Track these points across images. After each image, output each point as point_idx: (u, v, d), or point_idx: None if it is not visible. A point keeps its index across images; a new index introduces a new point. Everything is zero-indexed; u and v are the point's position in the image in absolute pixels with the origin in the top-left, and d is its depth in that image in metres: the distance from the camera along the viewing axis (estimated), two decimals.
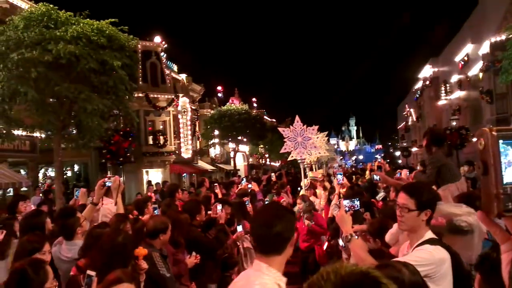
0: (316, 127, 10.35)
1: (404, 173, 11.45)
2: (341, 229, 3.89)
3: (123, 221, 4.97)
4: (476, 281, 2.24)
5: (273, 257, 2.50)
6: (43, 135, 17.95)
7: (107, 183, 5.68)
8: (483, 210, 1.17)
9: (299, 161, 9.91)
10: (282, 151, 9.96)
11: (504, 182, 1.10)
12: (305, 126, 9.86)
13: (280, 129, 10.16)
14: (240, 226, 6.88)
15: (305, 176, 12.35)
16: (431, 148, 6.23)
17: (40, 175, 24.87)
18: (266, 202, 10.85)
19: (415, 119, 55.06)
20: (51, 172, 24.26)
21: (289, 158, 10.03)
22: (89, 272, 3.46)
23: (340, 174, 9.48)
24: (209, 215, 6.99)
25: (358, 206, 4.67)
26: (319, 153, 12.45)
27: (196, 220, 6.33)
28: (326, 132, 14.74)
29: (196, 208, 6.47)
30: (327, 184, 12.00)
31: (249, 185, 11.54)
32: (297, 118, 9.80)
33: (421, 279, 2.51)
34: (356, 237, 3.76)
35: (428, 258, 2.96)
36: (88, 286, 3.40)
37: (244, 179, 14.11)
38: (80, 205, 6.57)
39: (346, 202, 4.37)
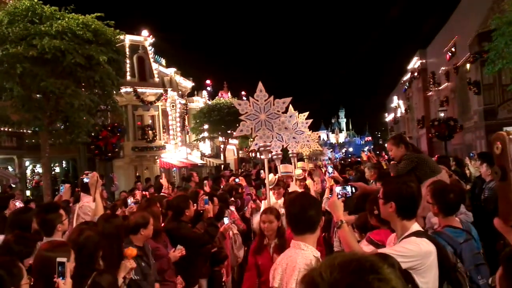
0: (289, 99, 6.70)
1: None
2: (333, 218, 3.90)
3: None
4: (498, 275, 2.24)
5: (308, 236, 3.17)
6: (30, 131, 17.79)
7: (84, 180, 5.62)
8: (501, 217, 1.11)
9: (261, 149, 6.59)
10: (236, 134, 6.72)
11: None
12: (271, 97, 6.43)
13: (235, 102, 6.83)
14: (226, 218, 6.83)
15: (272, 171, 9.76)
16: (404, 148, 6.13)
17: (28, 172, 24.68)
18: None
19: (403, 111, 55.28)
20: (39, 169, 24.07)
21: (252, 147, 6.82)
22: (59, 259, 3.20)
23: (331, 167, 9.35)
24: (196, 209, 6.93)
25: (350, 193, 4.63)
26: (304, 142, 10.45)
27: (186, 215, 6.26)
28: (306, 114, 9.89)
29: (184, 203, 6.39)
30: (310, 183, 9.25)
31: (236, 180, 11.45)
32: (260, 85, 6.42)
33: (398, 272, 2.51)
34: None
35: (414, 250, 2.96)
36: (62, 274, 3.18)
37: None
38: (64, 201, 6.51)
39: (338, 189, 4.37)
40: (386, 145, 7.74)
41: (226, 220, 6.79)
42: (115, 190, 17.99)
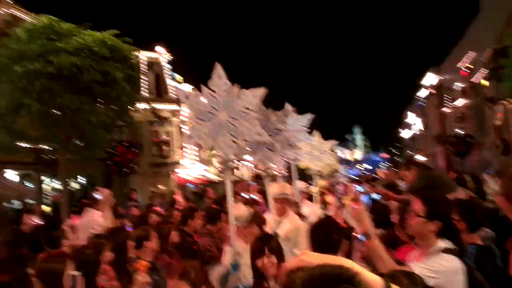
0: (262, 90, 4.42)
1: None
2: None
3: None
4: None
5: None
6: (47, 147, 17.95)
7: (96, 196, 5.81)
8: (503, 193, 1.09)
9: (216, 165, 4.44)
10: (184, 142, 4.34)
11: None
12: (235, 85, 4.39)
13: (180, 94, 5.04)
14: None
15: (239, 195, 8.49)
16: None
17: (44, 187, 24.86)
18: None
19: (421, 127, 54.77)
20: (56, 184, 24.25)
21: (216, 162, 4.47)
22: (72, 272, 3.28)
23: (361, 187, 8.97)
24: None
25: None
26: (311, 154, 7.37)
27: (189, 226, 6.39)
28: (309, 116, 6.23)
29: (190, 213, 6.57)
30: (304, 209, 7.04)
31: (251, 195, 11.31)
32: (218, 68, 4.42)
33: None
34: None
35: (446, 265, 2.96)
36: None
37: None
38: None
39: (366, 198, 4.35)
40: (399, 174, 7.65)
41: None
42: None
